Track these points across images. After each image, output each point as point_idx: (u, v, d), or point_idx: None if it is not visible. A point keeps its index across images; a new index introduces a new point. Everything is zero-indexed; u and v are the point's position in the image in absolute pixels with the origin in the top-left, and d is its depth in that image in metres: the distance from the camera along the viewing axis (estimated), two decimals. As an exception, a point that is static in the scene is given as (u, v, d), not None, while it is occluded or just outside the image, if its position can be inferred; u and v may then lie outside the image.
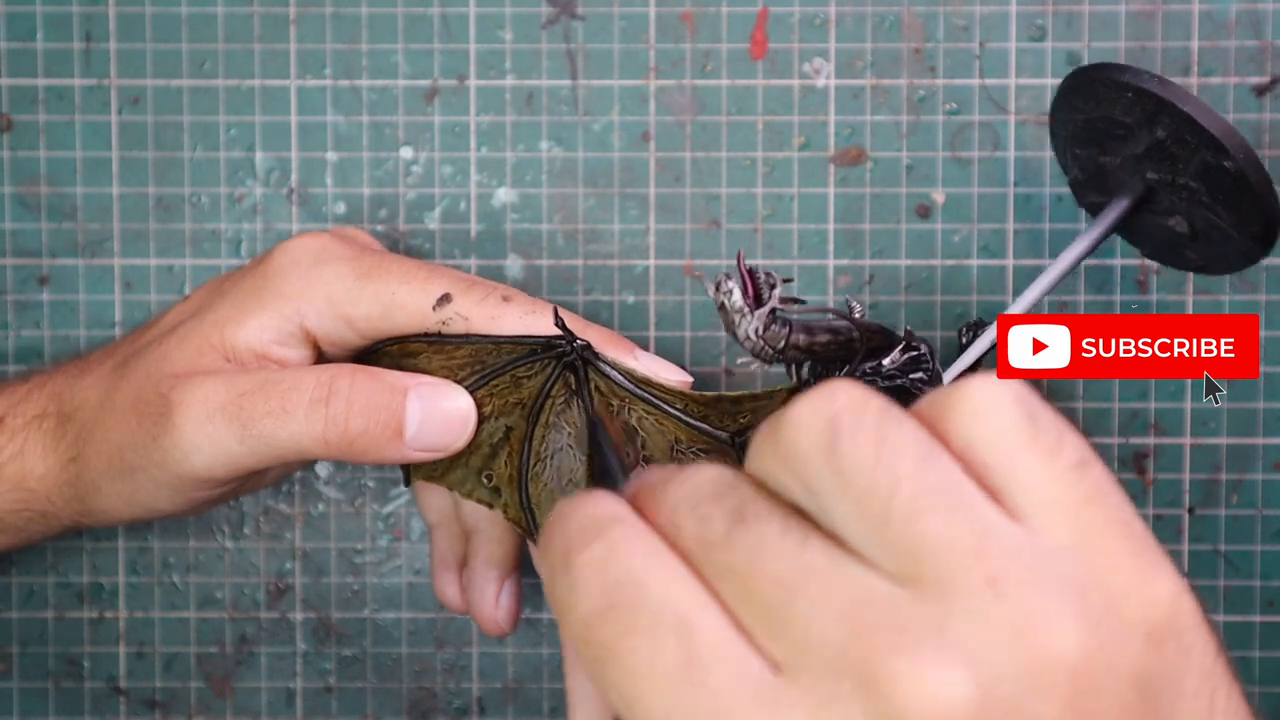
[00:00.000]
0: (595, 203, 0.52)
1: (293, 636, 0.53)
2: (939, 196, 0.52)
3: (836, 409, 0.25)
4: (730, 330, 0.43)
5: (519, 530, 0.46)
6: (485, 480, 0.46)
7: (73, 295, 0.53)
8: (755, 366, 0.44)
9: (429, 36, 0.52)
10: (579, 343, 0.44)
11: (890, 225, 0.52)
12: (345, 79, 0.52)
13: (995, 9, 0.51)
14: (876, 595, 0.24)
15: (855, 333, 0.44)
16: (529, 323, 0.44)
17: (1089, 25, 0.51)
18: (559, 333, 0.44)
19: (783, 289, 0.43)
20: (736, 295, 0.42)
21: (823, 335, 0.44)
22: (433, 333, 0.44)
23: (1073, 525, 0.25)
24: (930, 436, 0.25)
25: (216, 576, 0.53)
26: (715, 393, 0.44)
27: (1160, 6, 0.51)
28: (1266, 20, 0.51)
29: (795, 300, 0.43)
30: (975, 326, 0.48)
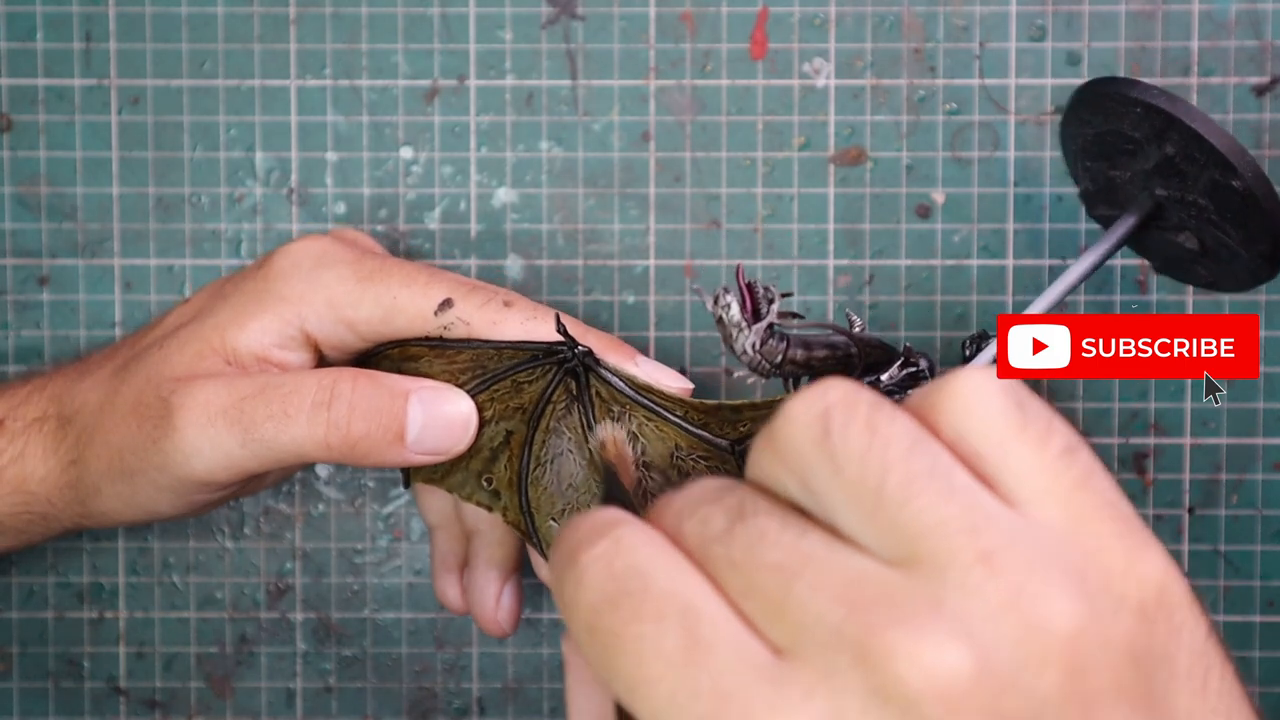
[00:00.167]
0: (595, 203, 0.52)
1: (293, 636, 0.53)
2: (939, 196, 0.52)
3: (829, 403, 0.25)
4: (728, 344, 0.43)
5: (519, 533, 0.46)
6: (485, 484, 0.46)
7: (73, 295, 0.53)
8: (753, 379, 0.44)
9: (429, 36, 0.52)
10: (580, 349, 0.44)
11: (890, 225, 0.52)
12: (345, 79, 0.52)
13: (995, 9, 0.51)
14: (873, 576, 0.24)
15: (853, 348, 0.44)
16: (530, 328, 0.44)
17: (1089, 25, 0.51)
18: (560, 338, 0.44)
19: (781, 303, 0.42)
20: (734, 309, 0.42)
21: (820, 350, 0.44)
22: (434, 337, 0.44)
23: (1064, 509, 0.25)
24: (921, 427, 0.26)
25: (216, 576, 0.53)
26: (716, 401, 0.44)
27: (1160, 6, 0.51)
28: (1266, 20, 0.51)
29: (793, 315, 0.43)
30: (978, 339, 0.48)
